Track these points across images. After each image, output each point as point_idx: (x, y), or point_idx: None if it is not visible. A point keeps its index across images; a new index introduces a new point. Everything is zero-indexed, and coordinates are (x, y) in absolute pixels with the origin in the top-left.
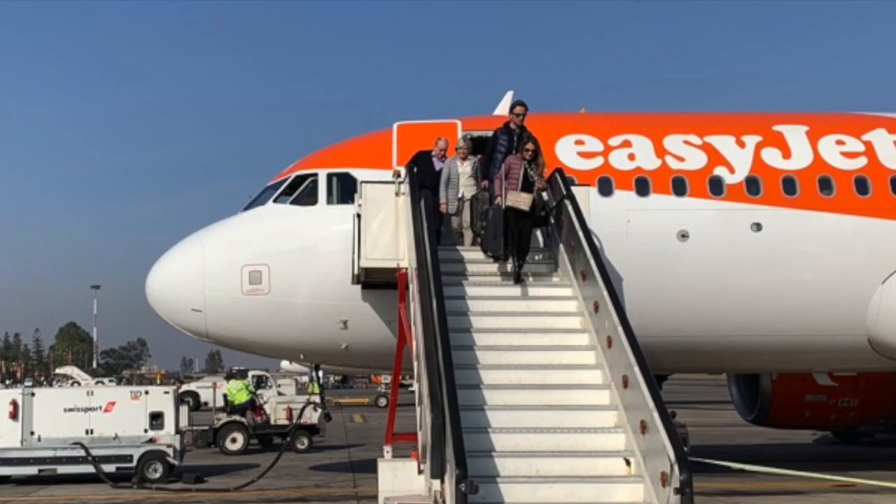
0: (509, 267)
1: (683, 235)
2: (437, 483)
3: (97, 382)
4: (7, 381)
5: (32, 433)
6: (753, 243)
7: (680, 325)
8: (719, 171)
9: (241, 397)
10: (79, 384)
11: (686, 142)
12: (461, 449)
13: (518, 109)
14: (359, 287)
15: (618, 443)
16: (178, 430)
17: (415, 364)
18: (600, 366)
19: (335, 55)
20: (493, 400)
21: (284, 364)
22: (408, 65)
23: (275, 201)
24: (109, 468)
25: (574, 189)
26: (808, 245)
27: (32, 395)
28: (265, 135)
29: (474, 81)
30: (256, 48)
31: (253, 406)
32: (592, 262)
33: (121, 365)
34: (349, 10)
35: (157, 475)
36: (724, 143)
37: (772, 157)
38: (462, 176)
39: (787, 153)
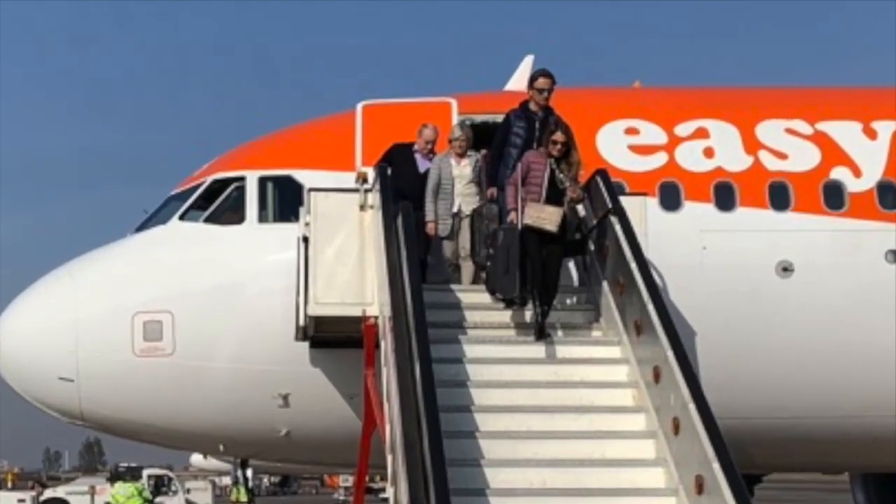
0: (528, 315)
1: (785, 269)
2: None
3: None
4: None
5: None
6: (889, 279)
7: (780, 402)
8: (839, 173)
9: None
10: None
11: (789, 130)
12: None
13: (541, 83)
14: (306, 345)
15: None
16: None
17: (388, 459)
18: (662, 461)
19: (273, 4)
20: None
21: (196, 459)
22: (379, 19)
23: (182, 218)
24: None
25: (624, 200)
26: None
27: None
28: (168, 120)
29: (477, 43)
30: None
31: None
32: (651, 307)
33: None
34: None
35: None
36: (845, 133)
37: None
38: (459, 181)
39: None
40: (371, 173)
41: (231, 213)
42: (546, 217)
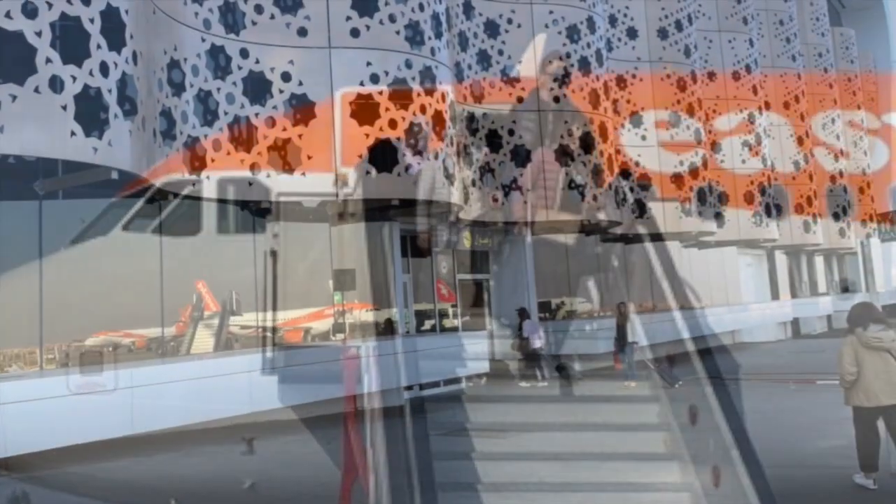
0: (540, 343)
1: (846, 289)
2: None
3: None
4: None
5: None
6: None
7: (842, 448)
8: None
9: None
10: None
11: (852, 123)
12: None
13: (555, 67)
14: (274, 378)
15: None
16: None
17: None
18: None
19: None
20: None
21: None
22: None
23: (126, 228)
24: None
25: (653, 208)
26: None
27: None
28: None
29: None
30: None
31: None
32: (687, 335)
33: None
34: None
35: None
36: None
37: None
38: (456, 183)
39: None
40: (352, 175)
41: (184, 222)
42: (560, 226)
